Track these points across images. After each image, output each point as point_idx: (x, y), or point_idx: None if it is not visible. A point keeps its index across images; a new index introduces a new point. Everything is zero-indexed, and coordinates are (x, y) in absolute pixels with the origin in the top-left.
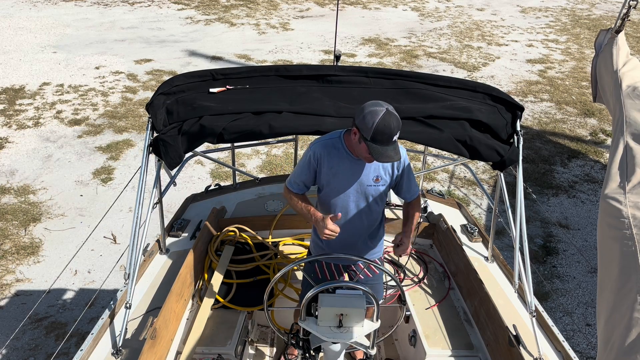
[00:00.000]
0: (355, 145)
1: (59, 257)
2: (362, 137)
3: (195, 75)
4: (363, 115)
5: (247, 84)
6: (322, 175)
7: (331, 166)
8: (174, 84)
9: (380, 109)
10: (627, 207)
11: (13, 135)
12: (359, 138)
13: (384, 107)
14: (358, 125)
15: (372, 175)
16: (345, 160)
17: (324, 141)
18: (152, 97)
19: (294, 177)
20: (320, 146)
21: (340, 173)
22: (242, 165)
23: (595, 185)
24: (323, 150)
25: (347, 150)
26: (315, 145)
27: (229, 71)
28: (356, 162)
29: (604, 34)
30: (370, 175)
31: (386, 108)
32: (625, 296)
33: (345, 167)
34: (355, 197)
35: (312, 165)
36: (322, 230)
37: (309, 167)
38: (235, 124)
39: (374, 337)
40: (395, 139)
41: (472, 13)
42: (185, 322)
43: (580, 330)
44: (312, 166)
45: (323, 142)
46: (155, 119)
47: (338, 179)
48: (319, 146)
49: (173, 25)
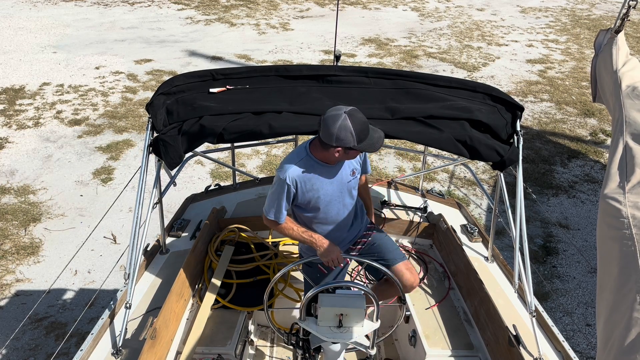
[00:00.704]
0: (341, 157)
1: (59, 257)
2: (349, 148)
3: (196, 76)
4: (334, 134)
5: (247, 84)
6: (304, 195)
7: (311, 184)
8: (174, 84)
9: (340, 113)
10: (626, 207)
11: (13, 135)
12: (343, 151)
13: (341, 112)
14: (337, 144)
15: (349, 171)
16: (321, 171)
17: (294, 165)
18: (152, 97)
19: (277, 209)
20: (293, 171)
21: (322, 185)
22: (242, 165)
23: (595, 185)
24: (297, 174)
25: (320, 161)
26: (287, 172)
27: (229, 71)
28: (332, 168)
29: (604, 34)
30: (348, 171)
31: (344, 112)
32: (624, 296)
33: (324, 177)
34: (340, 197)
35: (290, 192)
36: (330, 257)
37: (288, 194)
38: (235, 124)
39: (374, 337)
40: (370, 126)
41: (472, 13)
42: (185, 322)
43: (580, 330)
44: (291, 192)
45: (294, 166)
46: (155, 119)
47: (323, 191)
48: (292, 172)
49: (173, 26)
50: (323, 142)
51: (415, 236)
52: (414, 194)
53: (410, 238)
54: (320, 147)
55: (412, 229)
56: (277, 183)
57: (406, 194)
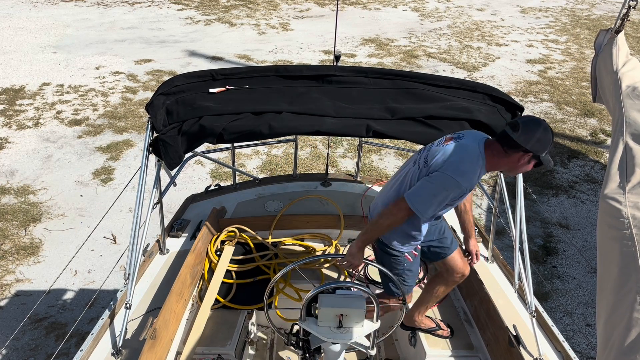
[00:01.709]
0: (518, 166)
1: (59, 258)
2: (535, 157)
3: (195, 76)
4: (536, 137)
5: (247, 84)
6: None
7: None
8: (174, 84)
9: (541, 122)
10: (626, 207)
11: (13, 136)
12: (529, 159)
13: (541, 121)
14: (532, 149)
15: None
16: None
17: (475, 174)
18: (152, 98)
19: (434, 209)
20: (472, 180)
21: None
22: (242, 165)
23: (595, 185)
24: (474, 182)
25: (483, 167)
26: (470, 181)
27: (228, 71)
28: None
29: (604, 34)
30: None
31: (543, 122)
32: (625, 296)
33: None
34: None
35: (462, 197)
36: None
37: (452, 202)
38: (235, 124)
39: (374, 337)
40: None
41: (472, 13)
42: (185, 322)
43: (580, 331)
44: (462, 198)
45: (474, 175)
46: (155, 120)
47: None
48: (472, 180)
49: (173, 26)
50: (511, 146)
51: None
52: None
53: None
54: (502, 151)
55: None
56: (451, 186)
57: None
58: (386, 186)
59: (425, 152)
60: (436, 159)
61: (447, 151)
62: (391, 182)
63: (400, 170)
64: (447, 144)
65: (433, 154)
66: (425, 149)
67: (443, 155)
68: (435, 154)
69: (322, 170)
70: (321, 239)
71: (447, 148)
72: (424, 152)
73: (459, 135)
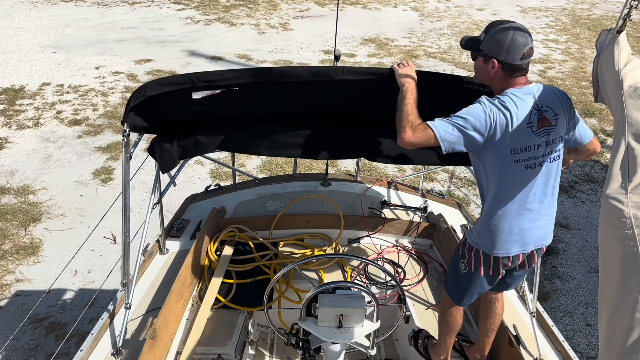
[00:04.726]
0: (493, 78)
1: (59, 258)
2: (501, 62)
3: (172, 83)
4: (498, 39)
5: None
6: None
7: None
8: (147, 94)
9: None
10: (628, 207)
11: (13, 136)
12: (493, 65)
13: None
14: (492, 53)
15: None
16: None
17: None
18: (125, 113)
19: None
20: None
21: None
22: (242, 165)
23: (595, 185)
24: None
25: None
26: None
27: (212, 77)
28: None
29: (605, 34)
30: None
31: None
32: (627, 297)
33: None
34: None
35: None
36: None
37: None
38: (233, 142)
39: (374, 337)
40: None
41: (472, 13)
42: (185, 322)
43: (581, 331)
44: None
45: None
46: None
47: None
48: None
49: (173, 26)
50: (475, 49)
51: (415, 236)
52: (414, 194)
53: (410, 238)
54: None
55: (412, 229)
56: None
57: (406, 194)
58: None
59: (544, 135)
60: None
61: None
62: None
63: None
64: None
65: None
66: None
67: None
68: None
69: (322, 170)
70: (321, 239)
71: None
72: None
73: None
